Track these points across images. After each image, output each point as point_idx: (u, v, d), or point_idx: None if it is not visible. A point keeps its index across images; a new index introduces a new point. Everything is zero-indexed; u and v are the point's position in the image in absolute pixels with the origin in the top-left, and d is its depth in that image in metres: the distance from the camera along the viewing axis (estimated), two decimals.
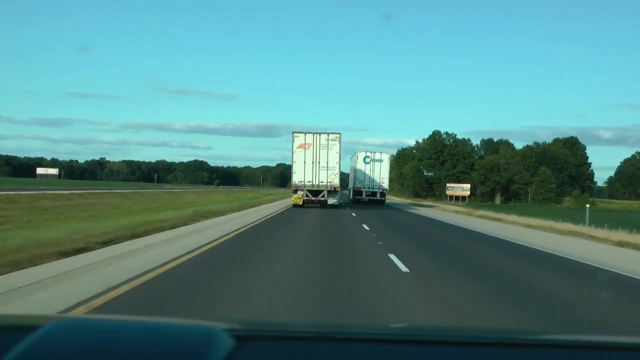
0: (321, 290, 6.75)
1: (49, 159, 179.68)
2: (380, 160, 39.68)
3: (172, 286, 6.52)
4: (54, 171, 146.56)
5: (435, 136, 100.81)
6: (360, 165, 39.60)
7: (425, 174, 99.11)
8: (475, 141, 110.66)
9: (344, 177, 58.88)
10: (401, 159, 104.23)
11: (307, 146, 29.03)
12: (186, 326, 1.21)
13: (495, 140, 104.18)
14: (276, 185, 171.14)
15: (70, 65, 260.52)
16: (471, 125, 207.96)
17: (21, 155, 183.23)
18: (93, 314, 4.81)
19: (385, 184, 39.98)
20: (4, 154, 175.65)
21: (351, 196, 43.05)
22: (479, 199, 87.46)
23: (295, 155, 29.30)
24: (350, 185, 45.64)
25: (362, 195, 39.71)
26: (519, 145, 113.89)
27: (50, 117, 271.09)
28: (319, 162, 29.09)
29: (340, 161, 30.02)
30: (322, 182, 29.23)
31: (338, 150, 29.36)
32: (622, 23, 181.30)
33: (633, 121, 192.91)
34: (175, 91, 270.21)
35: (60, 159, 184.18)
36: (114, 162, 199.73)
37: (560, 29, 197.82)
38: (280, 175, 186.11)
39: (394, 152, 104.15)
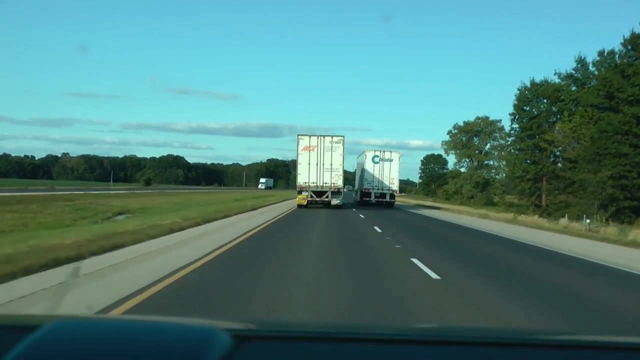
0: None
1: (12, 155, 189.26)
2: (390, 160, 45.70)
3: None
4: None
5: None
6: (369, 165, 45.71)
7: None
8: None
9: (348, 176, 65.54)
10: (529, 114, 56.01)
11: (311, 148, 36.45)
12: (186, 326, 1.43)
13: None
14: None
15: (71, 65, 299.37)
16: None
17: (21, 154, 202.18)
18: (93, 314, 5.75)
19: (395, 185, 46.11)
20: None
21: (358, 198, 49.14)
22: None
23: (300, 157, 36.71)
24: (357, 185, 51.63)
25: (370, 197, 45.73)
26: None
27: (51, 117, 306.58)
28: (323, 164, 36.54)
29: (343, 162, 37.31)
30: (326, 183, 36.68)
31: (342, 153, 36.74)
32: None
33: None
34: (177, 91, 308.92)
35: (13, 155, 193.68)
36: (69, 157, 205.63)
37: (559, 29, 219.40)
38: (267, 172, 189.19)
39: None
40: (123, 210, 38.20)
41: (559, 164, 53.53)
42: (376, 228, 20.84)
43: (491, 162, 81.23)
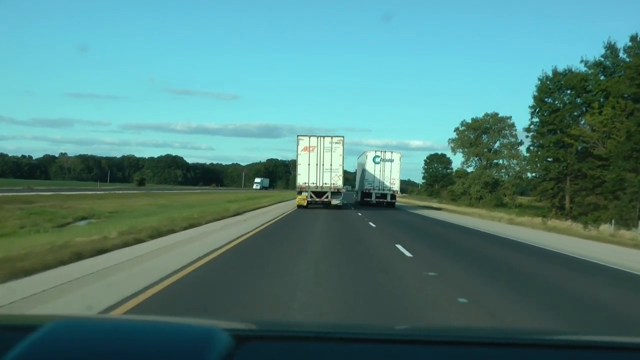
0: None
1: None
2: (391, 160, 45.54)
3: None
4: None
5: None
6: (370, 165, 45.52)
7: None
8: None
9: (348, 177, 63.27)
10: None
11: (311, 149, 36.35)
12: (186, 326, 1.43)
13: None
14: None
15: (71, 65, 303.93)
16: None
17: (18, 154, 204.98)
18: (93, 314, 5.70)
19: (396, 185, 45.90)
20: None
21: (359, 198, 48.74)
22: None
23: (300, 157, 36.60)
24: (358, 186, 51.13)
25: (371, 197, 45.63)
26: None
27: (50, 118, 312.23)
28: (323, 165, 36.34)
29: (343, 163, 37.18)
30: (325, 183, 36.50)
31: (341, 153, 36.59)
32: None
33: None
34: (177, 91, 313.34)
35: (10, 155, 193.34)
36: (67, 158, 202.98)
37: (560, 28, 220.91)
38: (266, 172, 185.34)
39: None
40: (89, 214, 32.35)
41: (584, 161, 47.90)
42: (399, 247, 15.02)
43: (501, 161, 75.95)
